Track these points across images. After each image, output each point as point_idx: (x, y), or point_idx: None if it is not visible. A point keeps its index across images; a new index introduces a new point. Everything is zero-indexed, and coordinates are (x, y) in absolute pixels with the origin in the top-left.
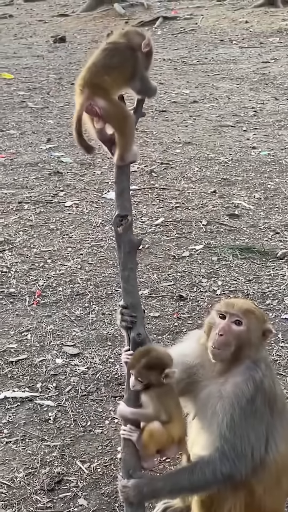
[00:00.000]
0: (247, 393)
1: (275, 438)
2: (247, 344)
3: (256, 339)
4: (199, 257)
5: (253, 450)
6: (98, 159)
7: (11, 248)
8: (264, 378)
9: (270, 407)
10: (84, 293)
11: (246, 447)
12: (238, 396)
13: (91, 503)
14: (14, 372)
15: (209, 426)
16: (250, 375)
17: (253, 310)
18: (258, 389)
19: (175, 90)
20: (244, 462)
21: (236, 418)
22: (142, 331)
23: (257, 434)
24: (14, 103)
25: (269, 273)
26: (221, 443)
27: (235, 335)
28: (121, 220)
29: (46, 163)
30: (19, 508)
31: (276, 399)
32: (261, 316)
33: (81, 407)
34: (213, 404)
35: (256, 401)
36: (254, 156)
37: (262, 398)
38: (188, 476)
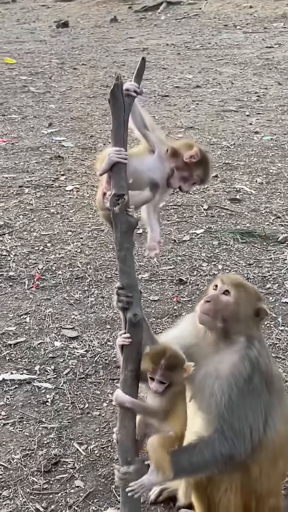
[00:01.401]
0: (244, 373)
1: (273, 417)
2: (235, 318)
3: (245, 315)
4: (200, 241)
5: (251, 430)
6: (100, 143)
7: (11, 231)
8: (260, 357)
9: (267, 386)
10: (84, 276)
11: (244, 427)
12: (235, 376)
13: (87, 485)
14: (13, 354)
15: (207, 406)
16: (245, 354)
17: (245, 285)
18: (255, 368)
19: (178, 75)
20: (243, 442)
21: (234, 398)
22: (138, 312)
23: (255, 414)
24: (16, 88)
25: (270, 257)
26: (219, 423)
27: (222, 304)
28: (117, 199)
29: (47, 148)
30: (16, 489)
31: (273, 379)
32: (253, 294)
33: (79, 389)
34: (210, 384)
35: (253, 380)
36: (257, 141)
37: (259, 378)
38: (188, 458)
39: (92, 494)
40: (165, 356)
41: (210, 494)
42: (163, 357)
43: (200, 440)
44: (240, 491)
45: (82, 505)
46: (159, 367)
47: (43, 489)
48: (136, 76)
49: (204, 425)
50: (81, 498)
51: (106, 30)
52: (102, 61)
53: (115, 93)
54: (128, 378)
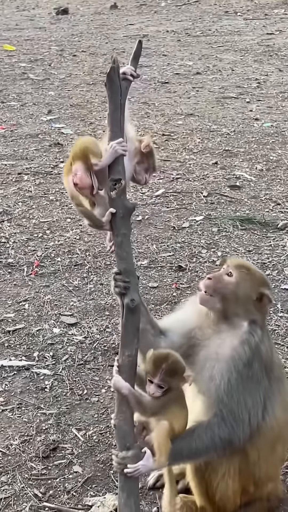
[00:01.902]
0: (244, 357)
1: (273, 404)
2: (234, 298)
3: (246, 297)
4: (199, 228)
5: (250, 415)
6: (99, 130)
7: (10, 218)
8: (261, 343)
9: (267, 373)
10: (83, 263)
11: (243, 411)
12: (235, 359)
13: (86, 470)
14: (11, 341)
15: (207, 390)
16: (246, 339)
17: (250, 268)
18: (255, 354)
19: (178, 61)
20: (242, 427)
21: (233, 382)
22: (136, 297)
23: (254, 399)
24: (15, 75)
25: (269, 244)
26: (219, 407)
27: (223, 283)
28: (114, 184)
29: (47, 135)
30: (14, 474)
31: (273, 366)
32: (258, 277)
33: (78, 376)
34: (210, 367)
35: (253, 366)
36: (257, 128)
37: (259, 364)
38: (187, 443)
39: (91, 480)
40: (167, 361)
41: (208, 478)
42: (165, 361)
43: (199, 425)
44: (238, 475)
45: (80, 491)
46: (159, 371)
47: (41, 475)
48: (133, 59)
49: (203, 408)
50: (79, 483)
51: (106, 17)
52: (102, 48)
53: (112, 76)
54: (125, 363)
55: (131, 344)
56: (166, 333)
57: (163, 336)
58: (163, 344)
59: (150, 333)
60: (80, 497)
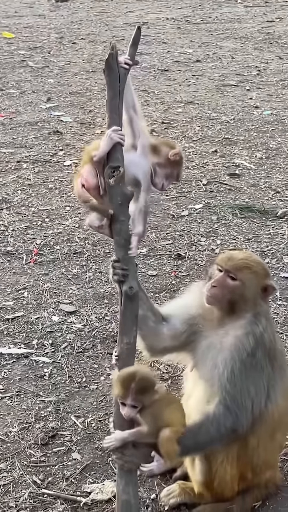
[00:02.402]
0: (248, 347)
1: (275, 391)
2: (242, 298)
3: (253, 294)
4: (199, 216)
5: (253, 403)
6: (98, 118)
7: (9, 207)
8: (265, 332)
9: (270, 360)
10: (82, 251)
11: (246, 399)
12: (238, 349)
13: (84, 457)
14: (10, 329)
15: (210, 378)
16: (251, 329)
17: (251, 265)
18: (259, 343)
19: (178, 49)
20: (245, 414)
21: (236, 371)
22: (134, 285)
23: (258, 388)
24: (14, 62)
25: (269, 232)
26: (222, 395)
27: (229, 288)
28: (112, 171)
29: (46, 123)
30: (13, 461)
31: (276, 354)
32: (260, 272)
33: (77, 363)
34: (214, 356)
35: (257, 355)
36: (257, 116)
37: (262, 352)
38: (194, 438)
39: (89, 467)
40: (135, 379)
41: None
42: (132, 381)
43: (204, 417)
44: (236, 462)
45: (79, 477)
46: (129, 392)
47: (40, 462)
48: (132, 45)
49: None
50: (78, 470)
51: (105, 4)
52: (102, 35)
53: (110, 63)
54: (123, 351)
55: (130, 331)
56: (168, 319)
57: (165, 322)
58: (165, 330)
59: (151, 319)
60: (78, 484)
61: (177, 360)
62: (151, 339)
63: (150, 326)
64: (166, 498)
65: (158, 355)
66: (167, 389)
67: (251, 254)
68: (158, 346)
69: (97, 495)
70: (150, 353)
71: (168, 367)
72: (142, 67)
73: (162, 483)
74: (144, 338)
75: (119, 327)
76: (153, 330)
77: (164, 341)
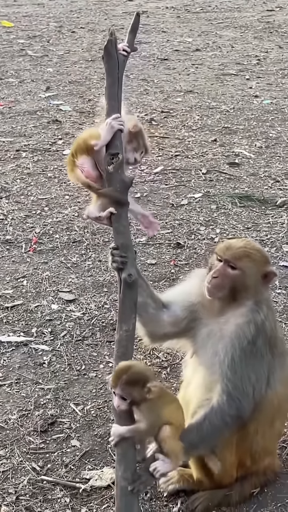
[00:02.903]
0: (248, 335)
1: (275, 379)
2: (242, 287)
3: (253, 282)
4: (198, 205)
5: (254, 390)
6: (98, 107)
7: (8, 195)
8: (266, 320)
9: (271, 348)
10: (81, 240)
11: (247, 386)
12: (239, 337)
13: (83, 444)
14: (10, 317)
15: (210, 365)
16: (252, 317)
17: (250, 253)
18: (260, 331)
19: (177, 38)
20: (247, 401)
21: (236, 359)
22: (133, 272)
23: (258, 375)
24: (13, 51)
25: (268, 221)
26: (224, 382)
27: (229, 278)
28: (111, 158)
29: (45, 111)
30: (12, 448)
31: (277, 342)
32: (260, 259)
33: (76, 351)
34: (214, 344)
35: (257, 343)
36: (257, 105)
37: (263, 340)
38: (198, 431)
39: (88, 454)
40: (127, 372)
41: None
42: (125, 372)
43: (208, 409)
44: (235, 449)
45: (78, 464)
46: (119, 382)
47: (39, 449)
48: (131, 31)
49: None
50: (77, 457)
51: None
52: (101, 24)
53: (109, 49)
54: (123, 338)
55: (128, 318)
56: (169, 306)
57: (166, 309)
58: (166, 317)
59: (151, 306)
60: (78, 471)
61: (177, 347)
62: (152, 326)
63: (151, 312)
64: (165, 485)
65: (158, 341)
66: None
67: (250, 241)
68: (159, 332)
69: (96, 481)
70: (150, 340)
71: (167, 355)
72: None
73: None
74: (144, 324)
75: (118, 314)
76: (153, 317)
77: (165, 327)
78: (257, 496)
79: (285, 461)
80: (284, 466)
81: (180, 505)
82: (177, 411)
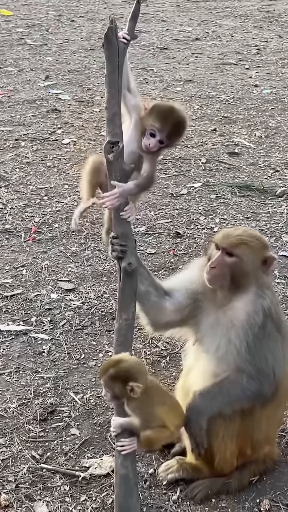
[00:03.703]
0: (259, 321)
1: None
2: (242, 274)
3: (252, 268)
4: (197, 194)
5: (274, 370)
6: (97, 96)
7: (7, 185)
8: (272, 305)
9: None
10: (80, 229)
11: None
12: (251, 324)
13: (83, 433)
14: (9, 306)
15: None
16: (260, 305)
17: (247, 240)
18: (267, 316)
19: (177, 27)
20: (268, 381)
21: (251, 344)
22: (133, 261)
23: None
24: (12, 40)
25: (268, 210)
26: (244, 364)
27: (228, 266)
28: (111, 147)
29: (44, 101)
30: (12, 437)
31: (282, 325)
32: (258, 245)
33: (75, 340)
34: (224, 333)
35: (267, 327)
36: (256, 94)
37: (271, 324)
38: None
39: (88, 442)
40: (115, 366)
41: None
42: (113, 366)
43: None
44: (236, 438)
45: (77, 453)
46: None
47: (39, 437)
48: (131, 18)
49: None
50: (76, 445)
51: None
52: (100, 13)
53: (109, 37)
54: (122, 327)
55: (128, 307)
56: (171, 293)
57: (168, 297)
58: (168, 304)
59: (153, 294)
60: (77, 459)
61: (179, 335)
62: (154, 314)
63: (153, 301)
64: (164, 473)
65: (161, 330)
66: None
67: (247, 229)
68: (161, 321)
69: (95, 469)
70: (153, 328)
71: (167, 344)
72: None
73: (160, 458)
74: (147, 313)
75: (118, 303)
76: (155, 305)
77: (167, 315)
78: (256, 484)
79: (284, 450)
80: (283, 454)
81: (179, 493)
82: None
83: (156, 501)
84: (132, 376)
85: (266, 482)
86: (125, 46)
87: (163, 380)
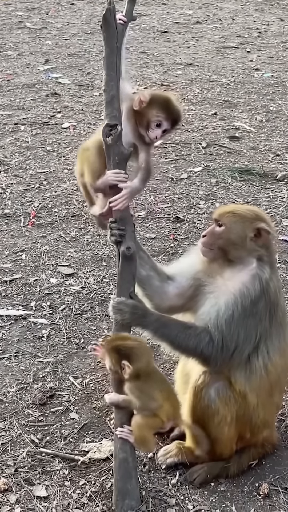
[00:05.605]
0: (252, 293)
1: (268, 346)
2: (230, 243)
3: (240, 238)
4: (198, 179)
5: (236, 347)
6: (97, 80)
7: (6, 169)
8: (270, 281)
9: (270, 315)
10: (80, 214)
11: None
12: (243, 294)
13: (82, 417)
14: (8, 291)
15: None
16: (257, 273)
17: (237, 211)
18: (263, 291)
19: (177, 10)
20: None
21: (235, 315)
22: (131, 245)
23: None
24: (12, 24)
25: (268, 195)
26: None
27: (216, 235)
28: (110, 130)
29: (44, 84)
30: (11, 421)
31: (277, 309)
32: (248, 216)
33: (75, 325)
34: (216, 297)
35: (259, 305)
36: (257, 78)
37: (265, 303)
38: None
39: (87, 426)
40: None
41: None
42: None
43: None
44: (235, 422)
45: (77, 437)
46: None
47: (38, 421)
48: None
49: None
50: (76, 430)
51: None
52: None
53: (108, 18)
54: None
55: (127, 291)
56: (174, 277)
57: (171, 280)
58: (171, 288)
59: (156, 279)
60: (76, 443)
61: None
62: (158, 298)
63: (155, 285)
64: (164, 458)
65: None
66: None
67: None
68: (164, 305)
69: (94, 454)
70: None
71: None
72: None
73: (159, 442)
74: (150, 298)
75: (117, 287)
76: (158, 289)
77: (170, 299)
78: (255, 468)
79: (283, 434)
80: (282, 438)
81: (179, 477)
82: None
83: (155, 485)
84: (130, 356)
85: (265, 466)
86: (123, 28)
87: (162, 364)
